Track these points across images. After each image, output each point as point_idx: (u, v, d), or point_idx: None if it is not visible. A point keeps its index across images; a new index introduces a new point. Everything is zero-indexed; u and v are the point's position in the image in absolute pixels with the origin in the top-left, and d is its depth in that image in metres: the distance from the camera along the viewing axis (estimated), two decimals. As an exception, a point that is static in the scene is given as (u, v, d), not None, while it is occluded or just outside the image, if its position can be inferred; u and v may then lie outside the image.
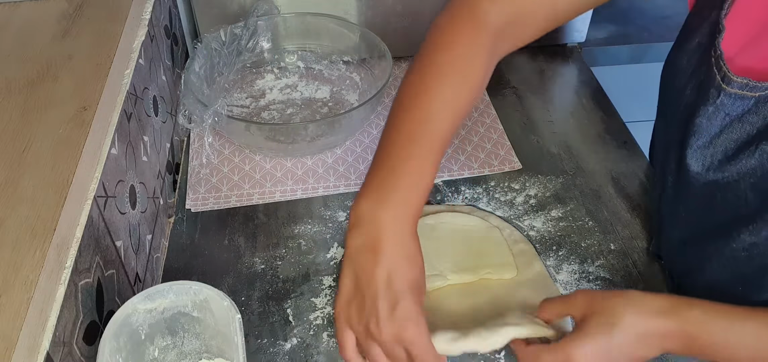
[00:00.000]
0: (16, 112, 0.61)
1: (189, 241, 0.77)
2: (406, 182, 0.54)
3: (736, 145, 0.56)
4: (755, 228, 0.56)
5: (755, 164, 0.54)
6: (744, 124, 0.55)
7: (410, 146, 0.56)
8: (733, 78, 0.54)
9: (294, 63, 1.03)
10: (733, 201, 0.58)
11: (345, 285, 0.54)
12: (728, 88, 0.55)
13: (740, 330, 0.51)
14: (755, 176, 0.55)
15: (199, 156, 0.88)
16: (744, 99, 0.54)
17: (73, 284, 0.49)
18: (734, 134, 0.56)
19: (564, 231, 0.77)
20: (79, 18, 0.76)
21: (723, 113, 0.56)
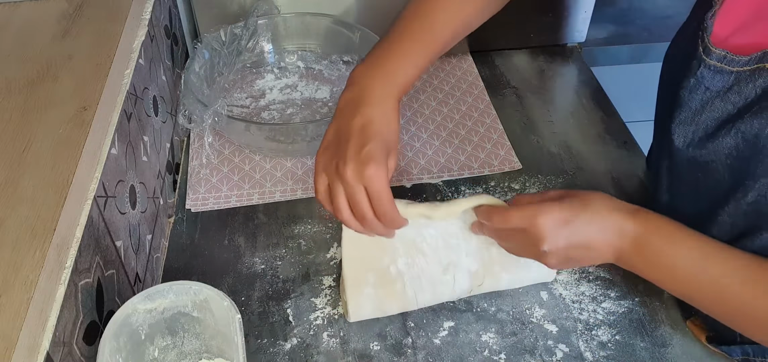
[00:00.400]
0: (16, 112, 0.61)
1: (189, 241, 0.77)
2: (396, 62, 0.63)
3: (717, 124, 0.57)
4: (731, 209, 0.57)
5: (731, 144, 0.55)
6: (726, 103, 0.56)
7: (409, 40, 0.64)
8: (713, 49, 0.56)
9: (294, 63, 1.03)
10: (712, 182, 0.59)
11: (327, 134, 0.60)
12: (708, 59, 0.56)
13: (686, 248, 0.56)
14: (731, 156, 0.56)
15: (199, 156, 0.88)
16: (723, 73, 0.55)
17: (73, 284, 0.49)
18: (715, 112, 0.57)
19: (564, 231, 0.77)
20: (79, 18, 0.76)
21: (703, 86, 0.57)
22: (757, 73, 0.53)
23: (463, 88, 1.02)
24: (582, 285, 0.71)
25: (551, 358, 0.64)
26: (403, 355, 0.64)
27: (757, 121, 0.53)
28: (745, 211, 0.56)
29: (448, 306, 0.68)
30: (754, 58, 0.53)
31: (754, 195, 0.55)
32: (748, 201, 0.55)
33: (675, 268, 0.56)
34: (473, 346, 0.65)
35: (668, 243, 0.56)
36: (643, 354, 0.64)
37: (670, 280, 0.58)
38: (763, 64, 0.52)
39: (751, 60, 0.53)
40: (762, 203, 0.54)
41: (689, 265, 0.56)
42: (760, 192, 0.54)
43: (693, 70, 0.58)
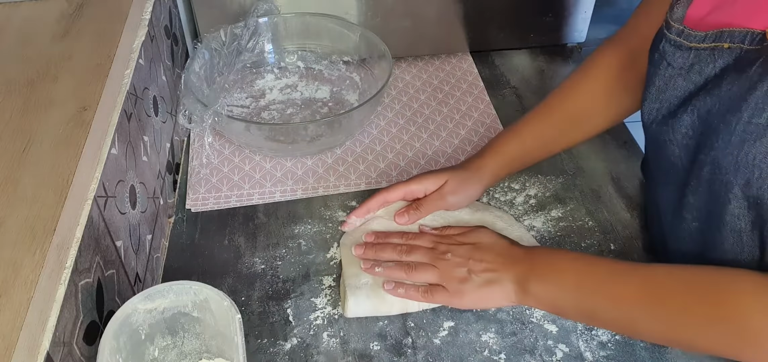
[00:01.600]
0: (16, 111, 0.61)
1: (189, 241, 0.77)
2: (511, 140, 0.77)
3: (678, 102, 0.58)
4: (692, 187, 0.59)
5: (688, 122, 0.57)
6: (687, 82, 0.57)
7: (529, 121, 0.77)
8: (672, 24, 0.57)
9: (294, 63, 1.03)
10: (674, 162, 0.60)
11: None
12: (669, 34, 0.57)
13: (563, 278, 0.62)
14: (687, 135, 0.57)
15: (199, 156, 0.88)
16: (682, 48, 0.56)
17: (73, 284, 0.49)
18: (678, 91, 0.58)
19: (564, 231, 0.77)
20: (79, 18, 0.76)
21: (665, 62, 0.58)
22: (717, 53, 0.54)
23: (463, 88, 1.02)
24: (582, 285, 0.71)
25: (551, 358, 0.64)
26: (403, 355, 0.65)
27: (710, 98, 0.54)
28: (704, 189, 0.57)
29: (447, 306, 0.68)
30: (710, 35, 0.54)
31: (707, 171, 0.56)
32: (705, 177, 0.56)
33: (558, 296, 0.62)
34: (473, 346, 0.65)
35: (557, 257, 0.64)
36: (642, 354, 0.64)
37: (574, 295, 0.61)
38: (721, 43, 0.53)
39: (707, 37, 0.54)
40: (715, 180, 0.55)
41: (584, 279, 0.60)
42: (712, 167, 0.55)
43: (656, 44, 0.60)
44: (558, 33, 1.10)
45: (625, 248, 0.75)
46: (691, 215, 0.61)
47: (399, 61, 1.07)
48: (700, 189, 0.58)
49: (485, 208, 0.78)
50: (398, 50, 1.04)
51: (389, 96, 1.00)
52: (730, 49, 0.53)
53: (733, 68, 0.53)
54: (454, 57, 1.09)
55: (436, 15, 1.03)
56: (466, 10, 1.03)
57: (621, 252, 0.75)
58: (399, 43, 1.03)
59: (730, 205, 0.55)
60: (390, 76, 0.87)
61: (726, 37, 0.53)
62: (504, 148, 0.76)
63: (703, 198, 0.58)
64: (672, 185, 0.62)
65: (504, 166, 0.76)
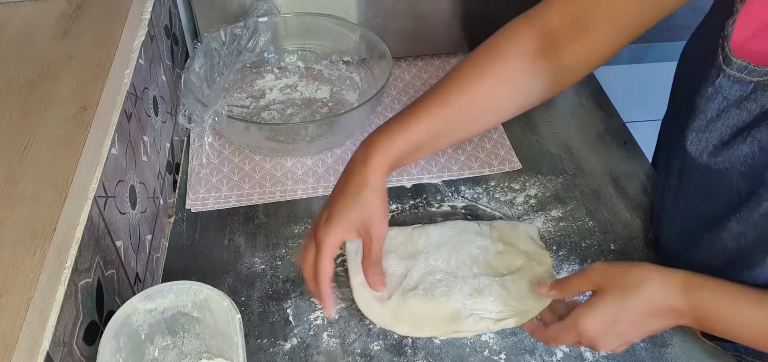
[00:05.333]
0: (16, 111, 0.61)
1: (189, 241, 0.77)
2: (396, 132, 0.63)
3: (732, 132, 0.56)
4: (742, 216, 0.57)
5: (747, 152, 0.55)
6: (742, 111, 0.55)
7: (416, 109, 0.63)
8: (734, 59, 0.54)
9: (294, 63, 1.03)
10: (724, 189, 0.58)
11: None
12: (728, 69, 0.55)
13: (748, 313, 0.55)
14: (746, 164, 0.55)
15: (199, 156, 0.88)
16: (742, 83, 0.54)
17: (73, 284, 0.49)
18: (731, 120, 0.56)
19: (564, 231, 0.77)
20: (79, 18, 0.76)
21: (721, 96, 0.56)
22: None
23: (463, 88, 1.02)
24: (582, 285, 0.71)
25: (551, 358, 0.64)
26: (403, 355, 0.64)
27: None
28: (755, 221, 0.56)
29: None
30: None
31: (767, 205, 0.54)
32: (762, 211, 0.55)
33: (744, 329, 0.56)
34: (473, 346, 0.65)
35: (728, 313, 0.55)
36: (642, 354, 0.64)
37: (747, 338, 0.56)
38: None
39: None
40: None
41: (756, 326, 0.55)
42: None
43: (711, 79, 0.56)
44: (558, 33, 1.10)
45: (625, 248, 0.75)
46: (730, 237, 0.59)
47: (399, 61, 1.07)
48: (752, 220, 0.56)
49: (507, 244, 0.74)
50: (398, 50, 1.04)
51: (389, 96, 1.00)
52: None
53: None
54: (454, 57, 1.09)
55: (436, 15, 1.03)
56: (466, 10, 1.03)
57: (621, 252, 0.75)
58: (399, 43, 1.03)
59: None
60: (390, 76, 0.87)
61: None
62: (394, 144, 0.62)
63: (754, 228, 0.56)
64: (713, 205, 0.61)
65: (391, 165, 0.63)
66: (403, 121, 0.63)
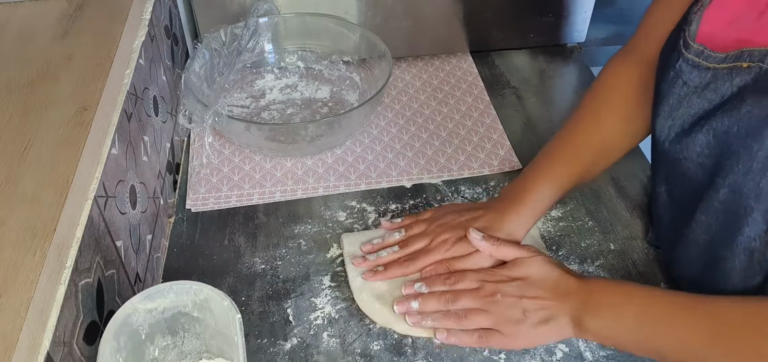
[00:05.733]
0: (16, 111, 0.61)
1: (189, 241, 0.77)
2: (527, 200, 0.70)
3: (692, 120, 0.57)
4: (705, 206, 0.57)
5: (703, 141, 0.55)
6: (702, 100, 0.55)
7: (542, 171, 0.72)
8: (692, 44, 0.55)
9: (294, 63, 1.03)
10: (688, 179, 0.59)
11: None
12: (686, 54, 0.56)
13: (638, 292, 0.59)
14: (703, 154, 0.56)
15: (199, 156, 0.88)
16: (700, 69, 0.55)
17: (74, 284, 0.49)
18: (692, 109, 0.56)
19: (564, 231, 0.77)
20: (79, 18, 0.76)
21: (681, 80, 0.57)
22: (735, 72, 0.52)
23: (463, 88, 1.02)
24: (582, 285, 0.71)
25: (551, 358, 0.64)
26: (403, 355, 0.64)
27: (728, 119, 0.53)
28: (716, 209, 0.56)
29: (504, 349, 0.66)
30: (730, 55, 0.53)
31: (724, 193, 0.55)
32: (720, 198, 0.55)
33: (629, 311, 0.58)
34: (473, 346, 0.65)
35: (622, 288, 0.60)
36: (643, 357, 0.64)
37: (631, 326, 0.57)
38: (740, 63, 0.52)
39: (727, 57, 0.53)
40: (732, 202, 0.54)
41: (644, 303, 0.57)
42: (730, 191, 0.54)
43: (672, 63, 0.58)
44: (558, 33, 1.10)
45: (625, 248, 0.75)
46: (700, 229, 0.60)
47: (399, 61, 1.07)
48: (713, 208, 0.57)
49: None
50: (398, 50, 1.04)
51: (389, 96, 1.00)
52: (748, 68, 0.51)
53: (752, 88, 0.51)
54: (454, 57, 1.09)
55: (436, 15, 1.03)
56: (466, 10, 1.03)
57: (621, 252, 0.75)
58: (399, 43, 1.03)
59: (747, 228, 0.54)
60: (390, 76, 0.87)
61: (745, 57, 0.52)
62: (539, 194, 0.69)
63: (717, 218, 0.57)
64: (684, 196, 0.61)
65: (553, 199, 0.70)
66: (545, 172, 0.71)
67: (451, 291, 0.65)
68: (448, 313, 0.64)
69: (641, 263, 0.74)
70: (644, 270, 0.73)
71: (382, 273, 0.69)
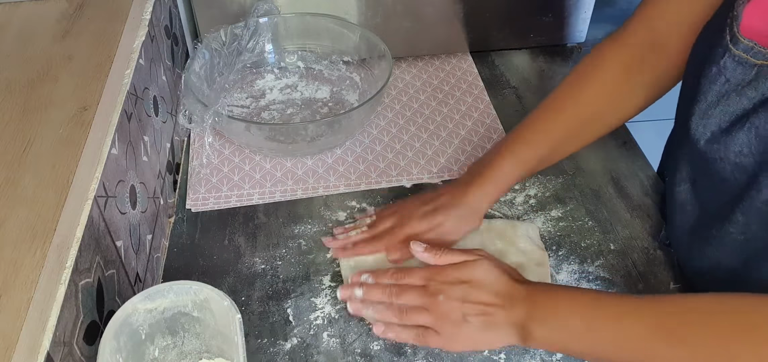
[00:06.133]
0: (16, 111, 0.61)
1: (189, 241, 0.77)
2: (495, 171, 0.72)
3: (730, 119, 0.55)
4: (745, 206, 0.56)
5: (744, 140, 0.54)
6: (741, 98, 0.54)
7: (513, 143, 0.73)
8: (741, 39, 0.53)
9: (294, 63, 1.03)
10: (723, 178, 0.58)
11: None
12: (734, 49, 0.54)
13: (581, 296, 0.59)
14: (742, 154, 0.54)
15: (199, 156, 0.88)
16: (746, 66, 0.53)
17: (74, 284, 0.49)
18: (731, 107, 0.55)
19: (564, 231, 0.77)
20: (79, 18, 0.76)
21: (724, 77, 0.55)
22: None
23: (463, 88, 1.02)
24: (582, 286, 0.71)
25: (551, 358, 0.64)
26: (403, 355, 0.64)
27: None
28: (758, 209, 0.55)
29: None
30: None
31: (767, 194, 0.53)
32: (763, 198, 0.54)
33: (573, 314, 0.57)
34: (473, 346, 0.65)
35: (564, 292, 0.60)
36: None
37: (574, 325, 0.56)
38: None
39: None
40: None
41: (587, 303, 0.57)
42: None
43: (716, 59, 0.56)
44: (558, 33, 1.10)
45: (625, 248, 0.75)
46: (737, 229, 0.58)
47: (399, 61, 1.07)
48: (754, 209, 0.55)
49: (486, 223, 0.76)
50: (398, 50, 1.04)
51: (389, 96, 1.00)
52: None
53: None
54: (454, 57, 1.09)
55: (436, 15, 1.03)
56: (466, 10, 1.03)
57: (621, 252, 0.75)
58: (399, 43, 1.03)
59: None
60: (390, 76, 0.87)
61: None
62: (516, 155, 0.71)
63: (758, 218, 0.56)
64: (720, 196, 0.60)
65: (516, 175, 0.71)
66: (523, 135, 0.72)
67: (396, 285, 0.65)
68: (391, 306, 0.64)
69: (641, 263, 0.74)
70: (644, 270, 0.73)
71: (350, 250, 0.72)
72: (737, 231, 0.58)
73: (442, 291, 0.62)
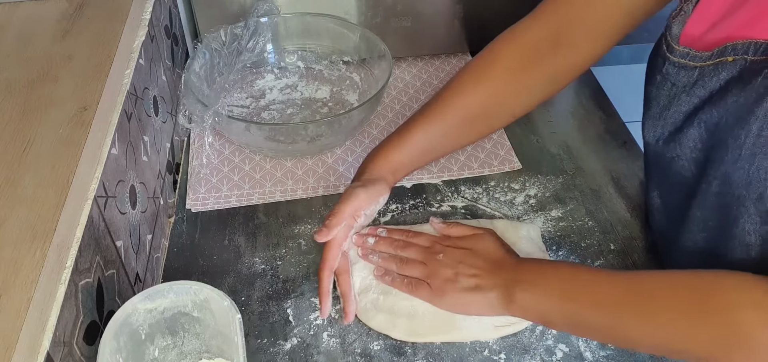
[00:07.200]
0: (16, 112, 0.61)
1: (189, 241, 0.77)
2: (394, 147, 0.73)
3: (683, 118, 0.58)
4: (700, 201, 0.58)
5: (695, 135, 0.56)
6: (691, 97, 0.57)
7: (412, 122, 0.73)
8: (676, 47, 0.57)
9: (294, 63, 1.03)
10: (682, 178, 0.60)
11: None
12: (671, 57, 0.57)
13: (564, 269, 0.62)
14: (696, 149, 0.57)
15: (199, 156, 0.88)
16: (687, 69, 0.56)
17: (74, 284, 0.49)
18: (682, 107, 0.58)
19: (564, 231, 0.77)
20: (79, 18, 0.76)
21: (669, 83, 0.58)
22: (721, 66, 0.53)
23: (463, 88, 1.02)
24: (582, 285, 0.71)
25: (551, 358, 0.64)
26: (403, 355, 0.65)
27: (717, 111, 0.54)
28: (712, 204, 0.57)
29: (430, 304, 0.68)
30: (715, 52, 0.54)
31: (717, 185, 0.55)
32: (713, 191, 0.56)
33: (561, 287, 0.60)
34: (473, 346, 0.65)
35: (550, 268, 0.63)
36: (643, 355, 0.64)
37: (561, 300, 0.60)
38: (725, 57, 0.53)
39: (712, 55, 0.54)
40: (725, 193, 0.55)
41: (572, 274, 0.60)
42: (722, 181, 0.54)
43: (658, 67, 0.59)
44: (558, 33, 1.10)
45: (625, 248, 0.75)
46: (697, 227, 0.60)
47: (399, 61, 1.07)
48: (708, 203, 0.57)
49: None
50: (398, 50, 1.04)
51: (389, 96, 1.00)
52: (733, 61, 0.52)
53: (738, 80, 0.52)
54: (454, 57, 1.09)
55: (436, 15, 1.03)
56: (466, 10, 1.03)
57: (621, 252, 0.75)
58: (399, 43, 1.03)
59: (741, 219, 0.54)
60: (390, 76, 0.87)
61: (729, 51, 0.52)
62: (396, 152, 0.72)
63: (712, 212, 0.57)
64: (678, 197, 0.62)
65: (398, 169, 0.73)
66: (400, 136, 0.72)
67: (404, 240, 0.71)
68: (394, 257, 0.69)
69: (641, 263, 0.74)
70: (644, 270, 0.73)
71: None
72: (697, 229, 0.60)
73: (442, 251, 0.67)
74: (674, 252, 0.66)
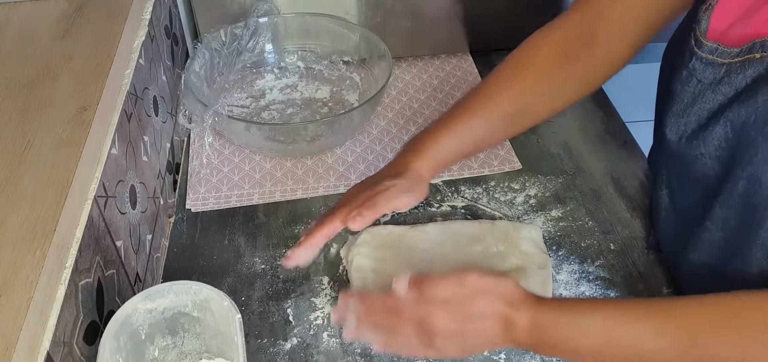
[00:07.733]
0: (16, 112, 0.61)
1: (189, 241, 0.77)
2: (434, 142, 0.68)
3: (708, 115, 0.57)
4: (723, 199, 0.57)
5: (721, 134, 0.55)
6: (717, 94, 0.55)
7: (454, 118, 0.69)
8: (705, 42, 0.56)
9: (294, 63, 1.03)
10: (704, 176, 0.59)
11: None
12: (699, 52, 0.56)
13: (585, 322, 0.53)
14: (721, 147, 0.56)
15: (199, 156, 0.88)
16: (715, 65, 0.55)
17: (74, 284, 0.49)
18: (707, 104, 0.56)
19: (564, 231, 0.77)
20: (79, 18, 0.76)
21: (695, 79, 0.57)
22: (747, 64, 0.53)
23: (463, 88, 1.02)
24: (582, 286, 0.71)
25: (551, 358, 0.64)
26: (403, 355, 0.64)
27: (745, 109, 0.52)
28: (735, 203, 0.56)
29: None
30: (744, 48, 0.53)
31: (743, 185, 0.54)
32: (739, 191, 0.55)
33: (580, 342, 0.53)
34: (473, 346, 0.65)
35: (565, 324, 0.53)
36: (643, 354, 0.64)
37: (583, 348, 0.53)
38: (753, 54, 0.52)
39: (741, 51, 0.53)
40: (752, 193, 0.54)
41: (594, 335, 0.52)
42: (749, 181, 0.54)
43: (685, 63, 0.58)
44: (558, 33, 1.10)
45: (625, 248, 0.75)
46: (715, 226, 0.59)
47: (399, 61, 1.07)
48: (732, 203, 0.56)
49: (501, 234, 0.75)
50: (398, 50, 1.04)
51: (389, 96, 1.00)
52: (761, 58, 0.51)
53: (766, 78, 0.51)
54: (454, 57, 1.09)
55: (436, 15, 1.03)
56: (466, 10, 1.03)
57: (621, 252, 0.75)
58: (399, 43, 1.03)
59: (767, 221, 0.53)
60: (390, 76, 0.87)
61: (757, 48, 0.52)
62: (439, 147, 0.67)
63: (735, 212, 0.57)
64: (695, 196, 0.61)
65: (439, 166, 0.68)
66: (447, 127, 0.68)
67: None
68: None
69: (641, 263, 0.74)
70: (644, 270, 0.73)
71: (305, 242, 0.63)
72: (716, 228, 0.59)
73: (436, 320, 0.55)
74: (681, 252, 0.66)
